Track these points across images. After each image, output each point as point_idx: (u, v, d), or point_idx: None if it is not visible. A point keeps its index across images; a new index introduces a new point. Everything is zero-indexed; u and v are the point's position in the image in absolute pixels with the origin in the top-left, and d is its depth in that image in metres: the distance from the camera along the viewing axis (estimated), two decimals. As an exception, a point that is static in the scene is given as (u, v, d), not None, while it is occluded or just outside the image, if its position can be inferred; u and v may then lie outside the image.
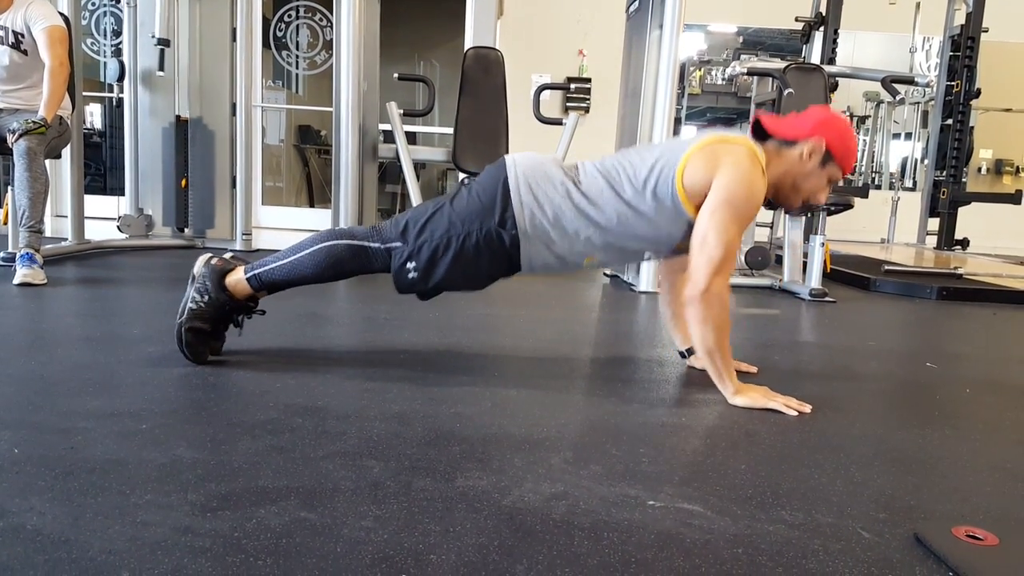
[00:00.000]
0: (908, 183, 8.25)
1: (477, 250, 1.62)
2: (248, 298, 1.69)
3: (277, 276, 1.67)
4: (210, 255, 1.69)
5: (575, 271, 1.72)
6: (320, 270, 1.67)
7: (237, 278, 1.66)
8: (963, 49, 5.36)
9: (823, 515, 1.07)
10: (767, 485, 1.17)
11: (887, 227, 6.35)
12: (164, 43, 4.13)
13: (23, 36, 2.93)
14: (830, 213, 3.46)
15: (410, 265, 1.64)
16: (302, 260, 1.66)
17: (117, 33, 5.03)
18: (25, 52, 2.95)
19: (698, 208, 1.59)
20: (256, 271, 1.67)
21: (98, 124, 6.27)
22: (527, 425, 1.40)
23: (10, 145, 2.76)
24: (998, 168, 7.14)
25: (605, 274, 3.88)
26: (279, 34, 5.71)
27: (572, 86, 6.33)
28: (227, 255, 1.71)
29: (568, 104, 6.44)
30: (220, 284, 1.64)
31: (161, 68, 4.24)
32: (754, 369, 1.92)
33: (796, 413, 1.56)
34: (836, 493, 1.15)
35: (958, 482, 1.24)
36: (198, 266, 1.67)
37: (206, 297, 1.63)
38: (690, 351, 1.94)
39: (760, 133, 1.72)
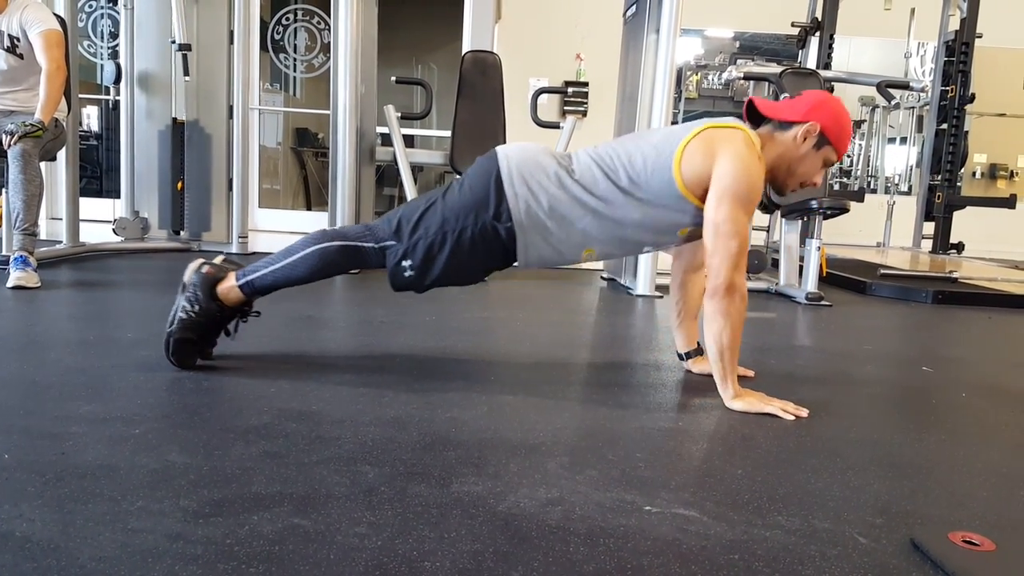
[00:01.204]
0: (903, 187, 8.27)
1: (473, 244, 1.60)
2: (241, 303, 1.67)
3: (269, 281, 1.65)
4: (201, 261, 1.66)
5: (573, 263, 1.70)
6: (313, 272, 1.66)
7: (229, 285, 1.63)
8: (957, 54, 5.38)
9: (820, 520, 1.06)
10: (764, 490, 1.16)
11: (883, 231, 6.37)
12: (186, 48, 4.11)
13: (19, 40, 2.92)
14: (826, 217, 3.47)
15: (406, 263, 1.62)
16: (295, 264, 1.65)
17: (114, 35, 5.02)
18: (21, 56, 2.94)
19: (697, 195, 1.59)
20: (248, 277, 1.64)
21: (95, 127, 6.26)
22: (523, 430, 1.39)
23: (6, 148, 2.75)
24: (992, 172, 7.17)
25: (602, 277, 3.88)
26: (277, 37, 5.70)
27: (569, 90, 6.33)
28: (217, 260, 1.69)
29: (565, 108, 6.44)
30: (211, 294, 1.62)
31: (187, 73, 4.21)
32: (750, 373, 1.91)
33: (793, 418, 1.55)
34: (833, 498, 1.15)
35: (955, 487, 1.24)
36: (188, 273, 1.64)
37: (196, 307, 1.60)
38: (689, 354, 1.94)
39: (754, 116, 1.71)
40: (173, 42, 4.13)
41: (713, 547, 0.96)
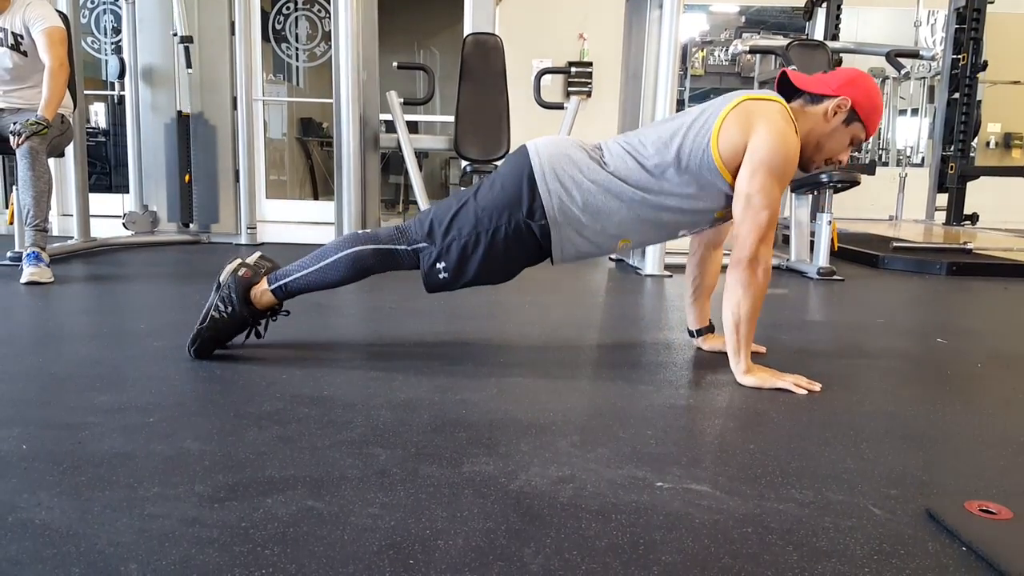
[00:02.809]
0: (916, 159, 8.17)
1: (507, 243, 1.59)
2: (272, 305, 1.68)
3: (303, 284, 1.66)
4: (239, 262, 1.66)
5: (609, 254, 1.69)
6: (347, 276, 1.66)
7: (262, 290, 1.64)
8: (969, 21, 5.29)
9: (833, 493, 1.06)
10: (776, 464, 1.16)
11: (895, 204, 6.30)
12: (187, 40, 4.12)
13: (22, 37, 2.92)
14: (836, 191, 3.43)
15: (440, 265, 1.62)
16: (328, 268, 1.65)
17: (117, 30, 5.02)
18: (25, 53, 2.94)
19: (732, 171, 1.56)
20: (282, 281, 1.65)
21: (102, 123, 6.28)
22: (533, 410, 1.39)
23: (14, 148, 2.76)
24: (1007, 142, 7.06)
25: (610, 258, 3.87)
26: (278, 27, 5.68)
27: (573, 70, 6.29)
28: (251, 259, 1.69)
29: (570, 88, 6.40)
30: (246, 298, 1.62)
31: (189, 65, 4.23)
32: (762, 349, 1.91)
33: (805, 392, 1.55)
34: (846, 471, 1.14)
35: (970, 457, 1.23)
36: (225, 274, 1.64)
37: (229, 309, 1.62)
38: (700, 331, 1.93)
39: (786, 89, 1.69)
40: (175, 35, 4.12)
41: (726, 521, 0.96)
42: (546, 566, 0.84)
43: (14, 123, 2.77)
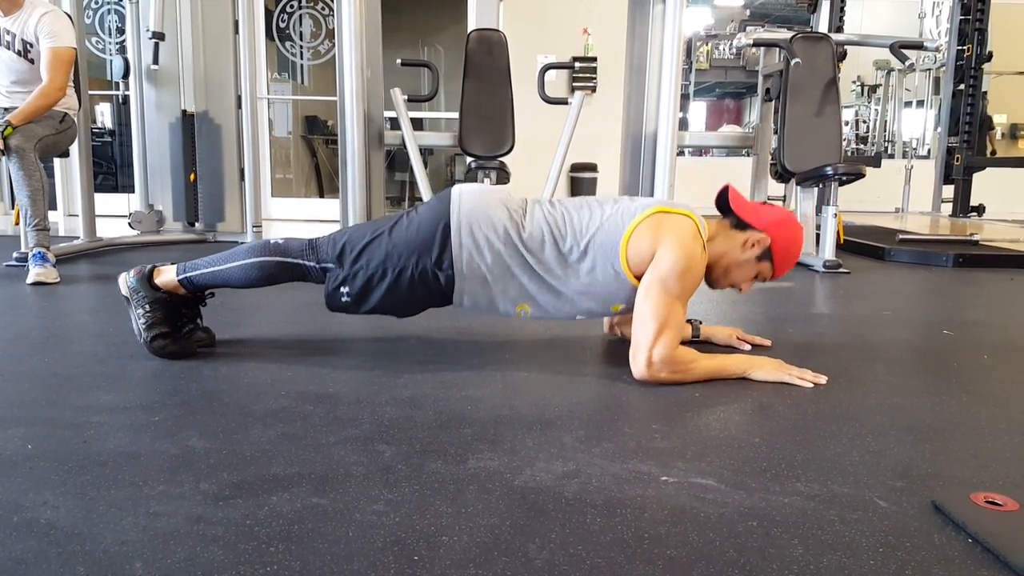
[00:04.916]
0: (922, 151, 8.13)
1: (411, 284, 1.62)
2: (175, 288, 1.69)
3: (207, 280, 1.68)
4: (124, 274, 1.70)
5: (505, 316, 1.71)
6: (250, 281, 1.69)
7: (168, 279, 1.67)
8: (973, 12, 5.25)
9: (839, 486, 1.05)
10: (782, 458, 1.16)
11: (901, 196, 6.27)
12: (159, 36, 4.11)
13: (32, 46, 2.92)
14: (842, 183, 3.42)
15: (344, 289, 1.64)
16: (232, 270, 1.67)
17: (121, 31, 5.03)
18: (32, 61, 2.94)
19: (637, 276, 1.58)
20: (188, 274, 1.68)
21: (108, 123, 6.30)
22: (538, 406, 1.39)
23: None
24: (1013, 133, 7.01)
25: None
26: (282, 25, 5.69)
27: (577, 65, 6.26)
28: (138, 266, 1.72)
29: (574, 84, 6.38)
30: (151, 285, 1.66)
31: (155, 62, 4.23)
32: (768, 342, 1.90)
33: (811, 385, 1.54)
34: (852, 463, 1.14)
35: (976, 449, 1.22)
36: (122, 288, 1.68)
37: (147, 305, 1.64)
38: (696, 333, 1.92)
39: (724, 204, 1.73)
40: (148, 30, 4.09)
41: (731, 515, 0.96)
42: (551, 561, 0.84)
43: None
